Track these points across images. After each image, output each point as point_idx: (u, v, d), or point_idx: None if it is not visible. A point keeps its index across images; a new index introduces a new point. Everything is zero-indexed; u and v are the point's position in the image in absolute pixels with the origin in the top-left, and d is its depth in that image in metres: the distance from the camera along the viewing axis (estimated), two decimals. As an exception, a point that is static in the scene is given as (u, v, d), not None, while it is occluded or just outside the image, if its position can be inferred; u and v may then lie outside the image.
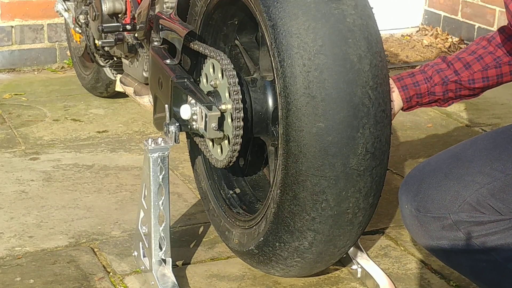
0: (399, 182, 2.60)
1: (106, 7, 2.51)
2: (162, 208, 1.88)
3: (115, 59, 2.71)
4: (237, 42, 2.04)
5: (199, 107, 1.83)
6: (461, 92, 1.95)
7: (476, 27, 4.18)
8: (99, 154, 2.77)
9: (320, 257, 1.79)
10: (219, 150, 1.90)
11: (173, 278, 1.89)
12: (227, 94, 1.81)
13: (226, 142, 1.86)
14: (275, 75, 1.67)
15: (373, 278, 1.97)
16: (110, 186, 2.52)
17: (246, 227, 1.92)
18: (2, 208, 2.35)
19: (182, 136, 1.98)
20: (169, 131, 1.87)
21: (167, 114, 1.90)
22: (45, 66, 3.79)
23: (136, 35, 2.35)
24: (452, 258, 1.73)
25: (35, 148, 2.80)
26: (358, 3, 1.68)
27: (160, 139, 1.87)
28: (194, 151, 2.18)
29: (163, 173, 1.87)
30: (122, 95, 3.12)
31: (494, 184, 1.60)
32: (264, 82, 1.87)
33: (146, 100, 2.36)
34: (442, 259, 1.77)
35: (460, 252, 1.68)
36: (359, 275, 2.01)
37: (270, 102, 1.85)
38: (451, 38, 4.32)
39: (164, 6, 2.14)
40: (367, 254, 2.06)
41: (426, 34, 4.44)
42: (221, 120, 1.82)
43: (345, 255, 1.96)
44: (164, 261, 1.91)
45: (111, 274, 2.02)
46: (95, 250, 2.13)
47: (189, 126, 1.88)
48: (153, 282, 1.90)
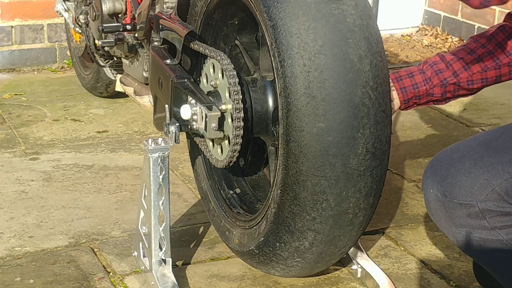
0: (399, 182, 2.60)
1: (106, 7, 2.51)
2: (162, 208, 1.88)
3: (115, 59, 2.71)
4: (237, 42, 2.04)
5: (199, 107, 1.83)
6: (459, 92, 1.97)
7: (476, 27, 4.18)
8: (99, 154, 2.77)
9: (320, 257, 1.79)
10: (219, 150, 1.90)
11: (173, 278, 1.89)
12: (227, 94, 1.81)
13: (226, 142, 1.86)
14: (275, 75, 1.67)
15: (373, 278, 1.97)
16: (110, 186, 2.52)
17: (247, 227, 1.92)
18: (2, 208, 2.35)
19: (182, 136, 1.97)
20: (169, 131, 1.87)
21: (167, 114, 1.90)
22: (45, 66, 3.79)
23: (136, 35, 2.35)
24: (473, 247, 1.71)
25: (35, 148, 2.80)
26: (358, 3, 1.68)
27: (160, 139, 1.87)
28: (194, 151, 2.18)
29: (163, 173, 1.87)
30: (122, 95, 3.12)
31: None
32: (264, 82, 1.87)
33: (146, 100, 2.36)
34: (461, 247, 1.75)
35: (482, 241, 1.67)
36: (359, 275, 2.01)
37: (270, 102, 1.85)
38: (451, 38, 4.32)
39: (164, 6, 2.14)
40: (367, 254, 2.06)
41: (426, 34, 4.44)
42: (221, 120, 1.82)
43: (345, 255, 1.96)
44: (164, 261, 1.91)
45: (111, 274, 2.02)
46: (95, 250, 2.13)
47: (189, 126, 1.88)
48: (153, 282, 1.90)
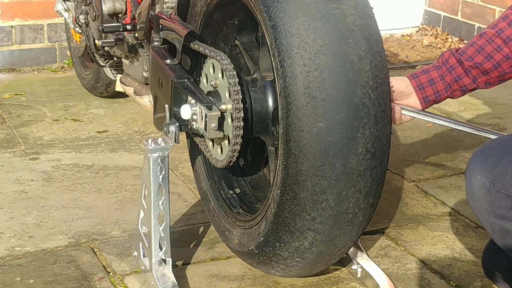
0: (399, 182, 2.60)
1: (106, 7, 2.51)
2: (162, 208, 1.88)
3: (115, 59, 2.71)
4: (237, 42, 2.04)
5: (199, 107, 1.83)
6: (475, 90, 2.01)
7: (476, 27, 4.18)
8: (99, 154, 2.77)
9: (320, 257, 1.79)
10: (219, 150, 1.90)
11: (173, 278, 1.89)
12: (227, 94, 1.81)
13: (226, 142, 1.86)
14: (275, 75, 1.67)
15: (373, 278, 1.97)
16: (110, 186, 2.52)
17: (246, 227, 1.92)
18: (2, 208, 2.35)
19: (182, 136, 1.98)
20: (169, 131, 1.87)
21: (167, 114, 1.90)
22: (45, 66, 3.79)
23: (136, 35, 2.35)
24: (508, 239, 1.69)
25: (35, 148, 2.80)
26: (358, 3, 1.68)
27: (160, 139, 1.87)
28: (194, 151, 2.18)
29: (163, 173, 1.87)
30: (122, 95, 3.12)
31: None
32: (264, 82, 1.87)
33: (146, 100, 2.36)
34: (496, 238, 1.73)
35: None
36: (359, 275, 2.01)
37: (270, 102, 1.85)
38: (451, 38, 4.32)
39: (164, 6, 2.14)
40: (367, 254, 2.06)
41: (426, 34, 4.44)
42: (221, 120, 1.82)
43: (345, 255, 1.96)
44: (164, 261, 1.91)
45: (111, 274, 2.02)
46: (95, 250, 2.13)
47: (189, 126, 1.88)
48: (153, 282, 1.90)
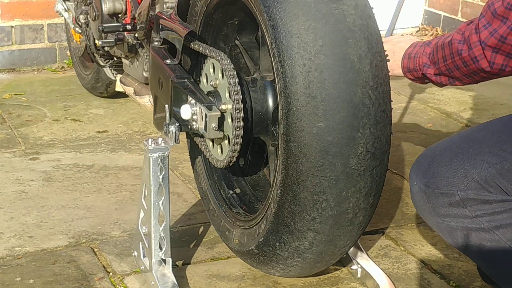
0: (399, 182, 2.60)
1: (106, 7, 2.51)
2: (162, 208, 1.88)
3: (115, 59, 2.71)
4: (237, 42, 2.04)
5: (199, 107, 1.83)
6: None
7: (476, 27, 4.18)
8: (99, 154, 2.77)
9: (320, 257, 1.79)
10: (219, 150, 1.90)
11: (173, 278, 1.89)
12: (227, 94, 1.81)
13: (226, 142, 1.86)
14: (275, 75, 1.67)
15: (373, 278, 1.97)
16: (110, 186, 2.52)
17: (246, 227, 1.92)
18: (2, 208, 2.35)
19: (182, 136, 1.98)
20: (169, 131, 1.87)
21: (167, 114, 1.90)
22: (45, 66, 3.79)
23: (136, 35, 2.35)
24: (456, 236, 1.75)
25: (35, 148, 2.80)
26: (358, 3, 1.68)
27: (160, 139, 1.87)
28: (194, 151, 2.18)
29: (163, 173, 1.87)
30: (122, 95, 3.12)
31: (503, 164, 1.64)
32: (264, 82, 1.87)
33: (146, 100, 2.36)
34: (446, 237, 1.79)
35: (465, 229, 1.71)
36: (359, 275, 2.01)
37: (270, 102, 1.85)
38: (451, 38, 4.32)
39: (164, 6, 2.14)
40: (367, 254, 2.06)
41: (426, 34, 4.44)
42: (221, 120, 1.82)
43: (345, 255, 1.96)
44: (164, 261, 1.91)
45: (111, 274, 2.02)
46: (95, 250, 2.13)
47: (189, 126, 1.88)
48: (153, 282, 1.90)
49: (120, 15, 2.53)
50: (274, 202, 1.74)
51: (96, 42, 2.62)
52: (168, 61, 1.98)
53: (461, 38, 1.72)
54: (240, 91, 1.78)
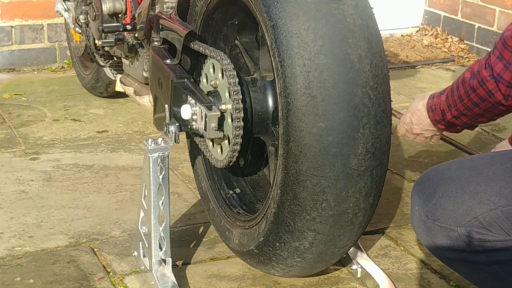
0: (399, 182, 2.60)
1: (106, 7, 2.51)
2: (162, 208, 1.88)
3: (115, 59, 2.71)
4: (237, 42, 2.04)
5: (199, 107, 1.83)
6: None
7: (476, 27, 4.18)
8: (99, 154, 2.77)
9: (320, 257, 1.79)
10: (219, 150, 1.90)
11: (173, 278, 1.89)
12: (227, 94, 1.81)
13: (226, 142, 1.86)
14: (275, 75, 1.67)
15: (373, 278, 1.97)
16: (110, 186, 2.52)
17: (246, 227, 1.92)
18: (2, 208, 2.35)
19: (182, 136, 1.98)
20: (169, 131, 1.87)
21: (167, 114, 1.90)
22: (45, 66, 3.79)
23: (136, 35, 2.35)
24: (455, 265, 1.73)
25: (35, 148, 2.80)
26: (358, 3, 1.68)
27: (160, 139, 1.87)
28: (194, 151, 2.18)
29: (163, 173, 1.87)
30: (122, 95, 3.12)
31: (510, 208, 1.58)
32: (264, 82, 1.87)
33: (146, 100, 2.36)
34: (444, 262, 1.77)
35: (463, 261, 1.67)
36: (359, 275, 2.01)
37: (270, 102, 1.85)
38: (451, 38, 4.32)
39: (164, 6, 2.14)
40: (367, 254, 2.06)
41: (426, 34, 4.44)
42: (221, 120, 1.82)
43: (345, 255, 1.96)
44: (164, 261, 1.91)
45: (111, 274, 2.02)
46: (95, 250, 2.13)
47: (189, 126, 1.88)
48: (153, 282, 1.90)
49: (120, 15, 2.53)
50: (274, 202, 1.74)
51: (96, 42, 2.62)
52: (168, 61, 1.98)
53: (471, 75, 1.72)
54: (240, 91, 1.78)
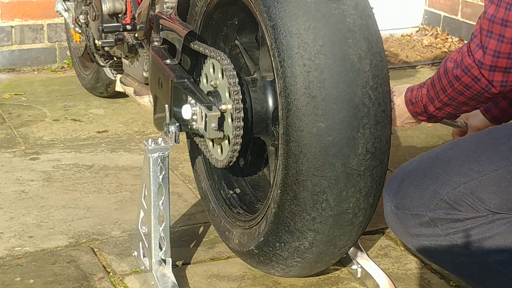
0: (399, 182, 2.60)
1: (106, 7, 2.51)
2: (162, 208, 1.88)
3: (115, 59, 2.71)
4: (237, 42, 2.04)
5: (199, 107, 1.83)
6: None
7: (476, 27, 4.17)
8: (99, 154, 2.77)
9: (320, 257, 1.79)
10: (219, 150, 1.90)
11: (173, 278, 1.89)
12: (227, 94, 1.81)
13: (226, 142, 1.86)
14: (275, 75, 1.67)
15: (373, 278, 1.97)
16: (110, 186, 2.52)
17: (246, 227, 1.92)
18: (2, 208, 2.35)
19: (182, 136, 1.98)
20: (169, 131, 1.87)
21: (167, 114, 1.90)
22: (45, 66, 3.79)
23: (136, 35, 2.35)
24: (432, 254, 1.75)
25: (35, 148, 2.80)
26: (358, 3, 1.68)
27: (160, 139, 1.87)
28: (194, 151, 2.18)
29: (163, 173, 1.87)
30: (122, 95, 3.12)
31: (471, 183, 1.64)
32: (264, 82, 1.87)
33: (146, 100, 2.36)
34: (424, 255, 1.79)
35: (439, 247, 1.71)
36: (359, 275, 2.01)
37: (270, 102, 1.85)
38: (451, 38, 4.32)
39: (164, 6, 2.14)
40: (367, 254, 2.06)
41: (426, 34, 4.44)
42: (221, 120, 1.82)
43: (345, 255, 1.96)
44: (164, 261, 1.91)
45: (111, 274, 2.02)
46: (95, 250, 2.13)
47: (189, 126, 1.88)
48: (153, 282, 1.90)
49: (120, 15, 2.53)
50: (274, 202, 1.74)
51: (96, 42, 2.62)
52: (168, 61, 1.98)
53: (454, 65, 1.72)
54: (240, 91, 1.78)
